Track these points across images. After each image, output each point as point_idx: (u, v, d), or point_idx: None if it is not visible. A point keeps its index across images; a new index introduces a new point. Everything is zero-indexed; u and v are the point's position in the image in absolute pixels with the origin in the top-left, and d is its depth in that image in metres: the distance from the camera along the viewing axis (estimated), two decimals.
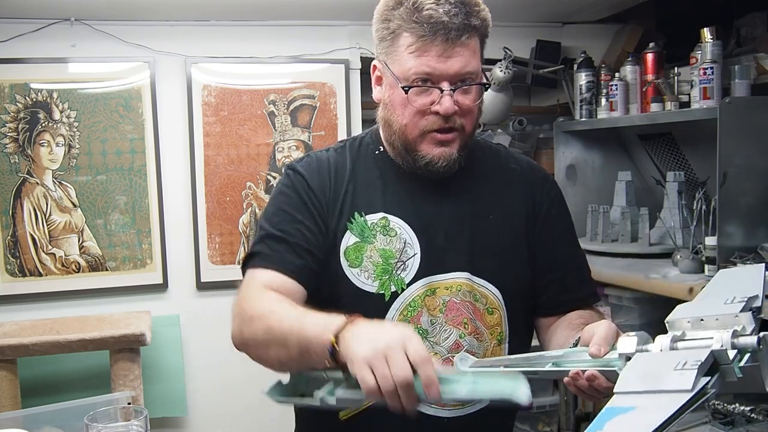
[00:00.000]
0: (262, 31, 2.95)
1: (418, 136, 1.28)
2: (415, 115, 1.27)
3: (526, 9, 2.91)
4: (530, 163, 1.48)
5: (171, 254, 2.93)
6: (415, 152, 1.30)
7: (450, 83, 1.24)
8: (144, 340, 2.44)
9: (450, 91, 1.24)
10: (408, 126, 1.28)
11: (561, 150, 2.93)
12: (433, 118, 1.27)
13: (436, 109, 1.25)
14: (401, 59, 1.26)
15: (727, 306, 0.96)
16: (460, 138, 1.29)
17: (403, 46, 1.25)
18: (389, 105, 1.31)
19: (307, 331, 1.12)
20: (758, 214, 2.07)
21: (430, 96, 1.25)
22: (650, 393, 0.88)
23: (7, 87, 2.74)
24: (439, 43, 1.22)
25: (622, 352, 1.01)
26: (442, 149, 1.28)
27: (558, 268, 1.39)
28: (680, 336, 0.97)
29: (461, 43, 1.23)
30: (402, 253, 1.32)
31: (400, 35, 1.25)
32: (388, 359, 0.99)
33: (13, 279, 2.78)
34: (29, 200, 2.78)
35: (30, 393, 2.56)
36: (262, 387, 1.19)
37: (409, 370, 0.99)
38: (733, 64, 2.23)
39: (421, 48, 1.23)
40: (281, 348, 1.16)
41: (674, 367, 0.88)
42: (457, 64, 1.23)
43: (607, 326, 1.09)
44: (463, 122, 1.28)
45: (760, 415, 2.09)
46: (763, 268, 1.04)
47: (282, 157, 3.00)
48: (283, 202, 1.35)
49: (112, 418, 1.26)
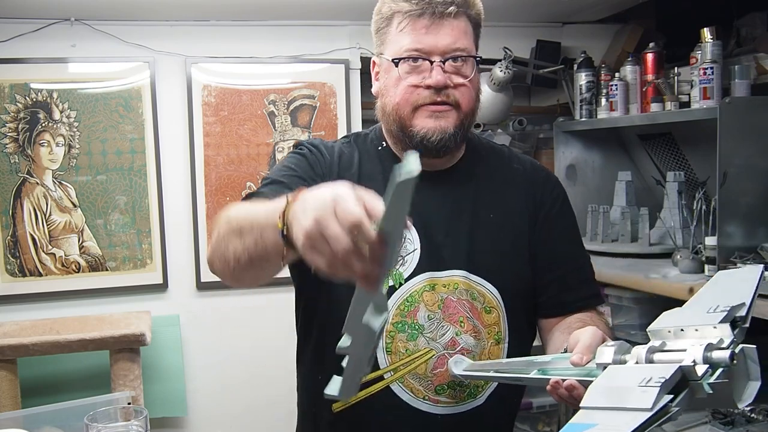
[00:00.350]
0: (262, 31, 2.95)
1: (411, 112, 1.29)
2: (406, 91, 1.29)
3: (526, 9, 2.91)
4: (533, 163, 1.48)
5: (171, 254, 2.93)
6: (410, 128, 1.30)
7: (441, 57, 1.27)
8: (144, 340, 2.44)
9: (440, 63, 1.26)
10: (400, 103, 1.30)
11: (561, 150, 2.93)
12: (425, 92, 1.28)
13: (427, 82, 1.27)
14: (393, 41, 1.29)
15: (709, 315, 0.94)
16: (456, 114, 1.30)
17: (395, 28, 1.29)
18: (384, 90, 1.33)
19: (259, 214, 1.06)
20: (758, 214, 2.07)
21: (421, 71, 1.28)
22: (613, 410, 0.86)
23: (7, 87, 2.74)
24: (427, 17, 1.26)
25: (599, 362, 1.00)
26: (437, 122, 1.28)
27: (558, 267, 1.39)
28: (659, 347, 0.95)
29: (449, 18, 1.26)
30: (402, 248, 1.32)
31: (392, 18, 1.30)
32: (324, 233, 0.86)
33: (13, 279, 2.78)
34: (29, 200, 2.78)
35: (30, 393, 2.56)
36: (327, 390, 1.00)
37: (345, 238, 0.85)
38: (733, 64, 2.23)
39: (410, 24, 1.27)
40: (237, 238, 1.09)
41: (639, 383, 0.86)
42: (446, 38, 1.26)
43: (592, 333, 1.08)
44: (456, 97, 1.29)
45: (760, 415, 2.09)
46: (761, 270, 1.03)
47: (282, 157, 3.00)
48: (290, 161, 1.36)
49: (112, 418, 1.26)
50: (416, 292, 1.31)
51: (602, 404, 0.88)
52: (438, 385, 1.32)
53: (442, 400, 1.32)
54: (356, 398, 1.32)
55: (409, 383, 1.31)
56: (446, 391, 1.32)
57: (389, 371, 1.31)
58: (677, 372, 0.86)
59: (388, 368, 1.31)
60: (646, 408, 0.82)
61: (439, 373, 1.32)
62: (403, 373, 1.31)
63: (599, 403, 0.89)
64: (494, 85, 2.82)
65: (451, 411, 1.32)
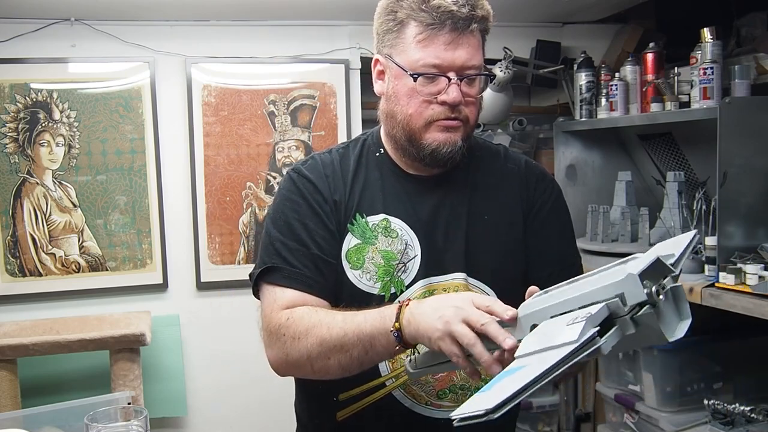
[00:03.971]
0: (262, 31, 2.95)
1: (423, 126, 1.29)
2: (420, 105, 1.28)
3: (526, 9, 2.91)
4: (528, 163, 1.47)
5: (171, 254, 2.94)
6: (420, 141, 1.29)
7: (456, 73, 1.25)
8: (144, 340, 2.44)
9: (457, 81, 1.25)
10: (413, 116, 1.29)
11: (561, 150, 2.93)
12: (439, 108, 1.27)
13: (443, 98, 1.26)
14: (408, 49, 1.27)
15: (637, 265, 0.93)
16: (464, 128, 1.30)
17: (411, 36, 1.26)
18: (393, 96, 1.31)
19: (364, 328, 1.16)
20: (758, 214, 2.07)
21: (437, 85, 1.26)
22: (543, 351, 0.89)
23: (7, 87, 2.74)
24: (447, 32, 1.24)
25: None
26: (448, 135, 1.29)
27: (547, 266, 1.38)
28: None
29: (468, 34, 1.25)
30: (403, 255, 1.32)
31: (408, 25, 1.27)
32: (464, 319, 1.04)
33: (13, 279, 2.78)
34: (29, 200, 2.78)
35: (30, 393, 2.57)
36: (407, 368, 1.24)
37: (474, 337, 1.03)
38: (733, 64, 2.23)
39: (429, 37, 1.24)
40: (342, 354, 1.18)
41: (567, 323, 0.90)
42: (464, 55, 1.25)
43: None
44: (467, 113, 1.29)
45: (760, 415, 2.09)
46: (695, 234, 1.03)
47: (282, 157, 3.00)
48: (292, 209, 1.33)
49: (112, 418, 1.26)
50: (416, 298, 1.30)
51: (534, 349, 0.92)
52: (440, 390, 1.32)
53: (444, 405, 1.32)
54: (359, 405, 1.32)
55: (411, 389, 1.31)
56: (448, 395, 1.32)
57: (391, 378, 1.32)
58: (603, 309, 0.89)
59: (389, 375, 1.32)
60: (573, 341, 0.85)
61: (440, 378, 1.32)
62: (405, 379, 1.31)
63: (531, 348, 0.93)
64: (494, 85, 2.82)
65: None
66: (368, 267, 1.31)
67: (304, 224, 1.31)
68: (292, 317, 1.24)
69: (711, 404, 2.19)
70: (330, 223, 1.32)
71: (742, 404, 2.15)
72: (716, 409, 2.16)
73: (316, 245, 1.30)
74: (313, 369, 1.23)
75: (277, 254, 1.30)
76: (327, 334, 1.19)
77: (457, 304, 1.07)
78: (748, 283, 1.90)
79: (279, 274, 1.29)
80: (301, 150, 3.01)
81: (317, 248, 1.30)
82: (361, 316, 1.18)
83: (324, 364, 1.21)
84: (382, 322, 1.15)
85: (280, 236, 1.31)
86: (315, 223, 1.31)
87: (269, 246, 1.32)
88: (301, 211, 1.32)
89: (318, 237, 1.30)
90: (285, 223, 1.32)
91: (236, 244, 2.99)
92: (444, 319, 1.06)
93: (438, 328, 1.06)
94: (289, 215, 1.33)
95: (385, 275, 1.31)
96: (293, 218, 1.32)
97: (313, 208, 1.32)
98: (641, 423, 2.53)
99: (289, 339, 1.23)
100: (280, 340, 1.24)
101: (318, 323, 1.20)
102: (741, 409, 2.12)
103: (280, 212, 1.34)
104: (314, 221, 1.31)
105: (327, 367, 1.21)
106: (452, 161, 1.31)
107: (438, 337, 1.06)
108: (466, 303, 1.07)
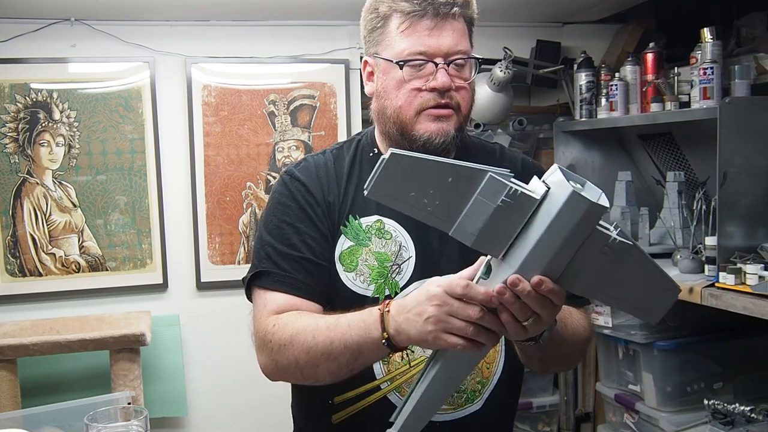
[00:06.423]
0: (262, 31, 2.95)
1: (414, 116, 1.28)
2: (410, 95, 1.27)
3: (526, 9, 2.91)
4: (524, 161, 1.46)
5: (171, 254, 2.93)
6: (411, 132, 1.28)
7: (443, 59, 1.25)
8: (144, 340, 2.44)
9: (444, 66, 1.25)
10: (403, 107, 1.28)
11: (561, 150, 2.93)
12: (429, 95, 1.26)
13: (432, 84, 1.25)
14: (393, 42, 1.27)
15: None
16: (456, 117, 1.29)
17: (394, 28, 1.27)
18: (383, 92, 1.31)
19: (349, 337, 1.15)
20: (758, 214, 2.07)
21: (425, 73, 1.26)
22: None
23: (7, 87, 2.74)
24: (430, 18, 1.24)
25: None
26: (440, 125, 1.27)
27: None
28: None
29: (451, 19, 1.25)
30: (397, 256, 1.31)
31: (390, 18, 1.27)
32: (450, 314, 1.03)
33: (13, 279, 2.78)
34: (29, 200, 2.78)
35: (30, 393, 2.57)
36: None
37: (467, 307, 1.02)
38: (733, 64, 2.23)
39: (412, 25, 1.25)
40: (330, 361, 1.18)
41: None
42: (449, 40, 1.25)
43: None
44: (458, 99, 1.28)
45: (760, 415, 2.09)
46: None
47: (282, 157, 3.00)
48: (284, 213, 1.32)
49: (112, 418, 1.26)
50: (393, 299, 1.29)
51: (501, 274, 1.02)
52: None
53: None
54: (354, 408, 1.32)
55: (406, 392, 1.31)
56: None
57: (386, 381, 1.31)
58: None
59: (384, 378, 1.31)
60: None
61: None
62: (400, 382, 1.31)
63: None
64: (494, 85, 2.82)
65: (450, 417, 1.32)
66: (362, 269, 1.30)
67: (295, 227, 1.30)
68: (278, 324, 1.23)
69: (711, 404, 2.19)
70: (322, 225, 1.31)
71: (742, 404, 2.15)
72: (716, 409, 2.16)
73: (308, 248, 1.29)
74: (303, 375, 1.23)
75: (268, 258, 1.29)
76: (312, 342, 1.18)
77: (434, 302, 1.04)
78: (748, 283, 1.91)
79: (269, 278, 1.28)
80: (301, 150, 3.01)
81: (308, 251, 1.29)
82: (345, 323, 1.16)
83: (313, 372, 1.20)
84: (367, 331, 1.13)
85: (271, 240, 1.31)
86: (306, 225, 1.30)
87: (260, 250, 1.32)
88: (292, 214, 1.31)
89: (309, 240, 1.29)
90: (276, 226, 1.32)
91: (236, 244, 2.99)
92: (432, 320, 1.04)
93: (429, 330, 1.05)
94: (280, 219, 1.32)
95: (379, 277, 1.30)
96: (284, 222, 1.31)
97: (304, 211, 1.31)
98: (641, 423, 2.54)
99: (276, 346, 1.22)
100: (268, 347, 1.24)
101: (302, 330, 1.19)
102: (741, 409, 2.12)
103: (271, 216, 1.34)
104: (306, 224, 1.30)
105: (316, 373, 1.20)
106: (446, 152, 1.29)
107: (434, 338, 1.05)
108: (442, 297, 1.04)
